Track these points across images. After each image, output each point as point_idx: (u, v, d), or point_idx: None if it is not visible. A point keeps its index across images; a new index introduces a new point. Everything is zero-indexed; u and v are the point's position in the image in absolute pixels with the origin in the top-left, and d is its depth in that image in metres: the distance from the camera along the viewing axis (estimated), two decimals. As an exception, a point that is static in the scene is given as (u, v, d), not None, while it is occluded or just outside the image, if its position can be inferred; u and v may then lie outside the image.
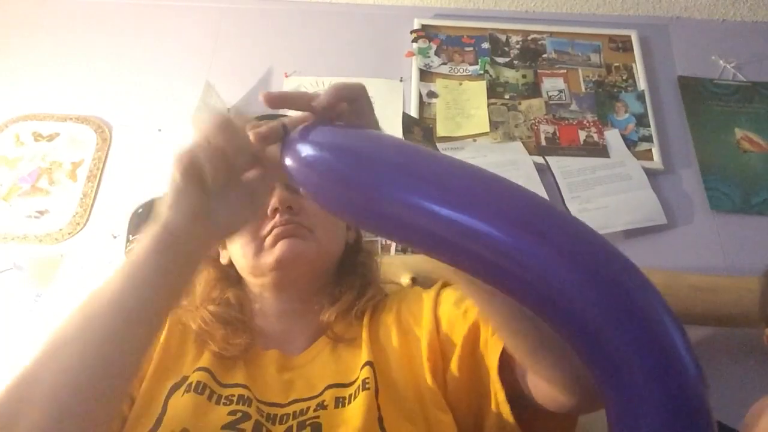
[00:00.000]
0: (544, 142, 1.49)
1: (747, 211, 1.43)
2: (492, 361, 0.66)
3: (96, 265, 1.33)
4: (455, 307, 0.73)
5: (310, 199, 0.53)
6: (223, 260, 0.82)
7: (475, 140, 1.50)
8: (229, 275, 0.81)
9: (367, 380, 0.67)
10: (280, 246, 0.73)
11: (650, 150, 1.49)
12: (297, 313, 0.78)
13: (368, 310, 0.78)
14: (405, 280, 1.14)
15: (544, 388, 0.60)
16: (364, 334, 0.74)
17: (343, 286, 0.79)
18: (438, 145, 1.47)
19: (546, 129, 1.52)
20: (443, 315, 0.74)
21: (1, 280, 1.32)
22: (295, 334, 0.77)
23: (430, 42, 1.65)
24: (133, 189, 1.41)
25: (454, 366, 0.70)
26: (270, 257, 0.74)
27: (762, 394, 0.92)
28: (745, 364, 1.22)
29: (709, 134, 1.54)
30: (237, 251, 0.77)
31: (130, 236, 1.19)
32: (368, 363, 0.69)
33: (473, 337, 0.69)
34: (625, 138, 1.51)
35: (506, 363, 0.65)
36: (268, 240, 0.75)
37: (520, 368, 0.65)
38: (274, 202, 0.75)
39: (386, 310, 0.79)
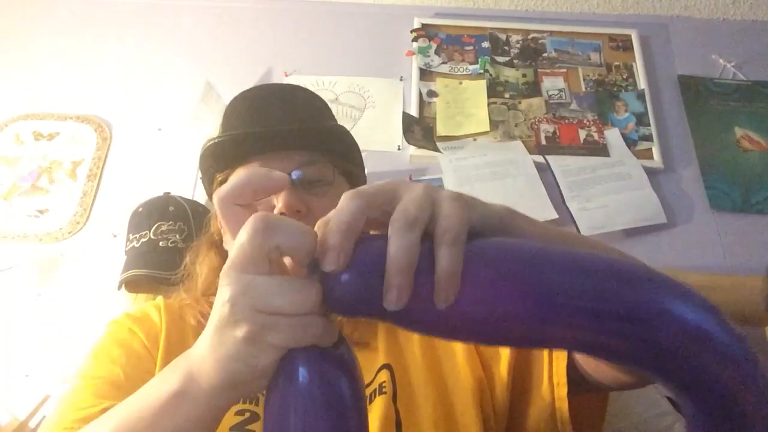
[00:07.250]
0: (544, 142, 1.49)
1: (747, 210, 1.43)
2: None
3: (96, 264, 1.33)
4: None
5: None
6: (227, 246, 0.76)
7: (475, 139, 1.50)
8: None
9: (384, 384, 0.65)
10: None
11: (650, 149, 1.49)
12: None
13: None
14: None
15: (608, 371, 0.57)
16: (380, 336, 0.72)
17: None
18: (438, 144, 1.47)
19: (546, 128, 1.52)
20: None
21: (2, 280, 1.32)
22: None
23: (430, 41, 1.65)
24: (133, 188, 1.41)
25: (503, 367, 0.66)
26: None
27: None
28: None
29: (709, 133, 1.54)
30: None
31: (130, 235, 1.19)
32: (385, 366, 0.67)
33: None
34: (625, 137, 1.51)
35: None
36: None
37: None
38: (280, 206, 0.69)
39: None
